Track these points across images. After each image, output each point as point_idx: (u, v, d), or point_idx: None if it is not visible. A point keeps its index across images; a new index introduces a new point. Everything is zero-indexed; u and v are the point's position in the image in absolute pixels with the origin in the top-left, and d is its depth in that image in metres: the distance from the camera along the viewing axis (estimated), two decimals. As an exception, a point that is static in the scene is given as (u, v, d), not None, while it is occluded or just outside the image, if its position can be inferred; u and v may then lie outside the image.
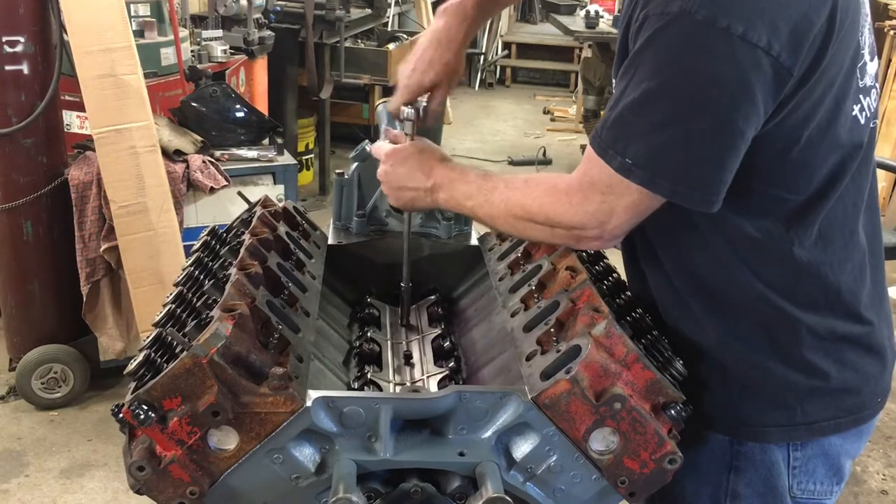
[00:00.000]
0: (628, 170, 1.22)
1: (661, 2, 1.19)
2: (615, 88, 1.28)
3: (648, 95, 1.20)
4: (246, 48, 4.97)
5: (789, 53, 1.17)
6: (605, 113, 1.28)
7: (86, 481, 3.23)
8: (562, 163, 7.47)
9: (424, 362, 1.67)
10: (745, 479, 1.44)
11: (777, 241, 1.33)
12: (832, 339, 1.38)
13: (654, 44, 1.19)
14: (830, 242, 1.35)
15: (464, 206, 1.45)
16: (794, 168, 1.29)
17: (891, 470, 3.50)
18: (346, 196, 1.91)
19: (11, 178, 3.36)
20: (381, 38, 6.75)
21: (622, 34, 1.34)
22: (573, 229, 1.32)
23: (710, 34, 1.15)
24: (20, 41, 3.23)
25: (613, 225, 1.29)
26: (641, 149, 1.21)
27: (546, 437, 1.26)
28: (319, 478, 1.26)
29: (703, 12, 1.14)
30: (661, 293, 1.46)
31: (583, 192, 1.29)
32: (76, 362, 3.58)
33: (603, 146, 1.25)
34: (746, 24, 1.14)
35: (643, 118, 1.21)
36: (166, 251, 3.38)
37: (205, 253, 1.62)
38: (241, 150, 3.80)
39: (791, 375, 1.38)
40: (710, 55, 1.16)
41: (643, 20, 1.22)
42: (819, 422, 1.41)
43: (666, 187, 1.22)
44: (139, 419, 1.18)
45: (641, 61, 1.21)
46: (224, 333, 1.21)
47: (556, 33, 8.26)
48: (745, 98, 1.17)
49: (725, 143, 1.20)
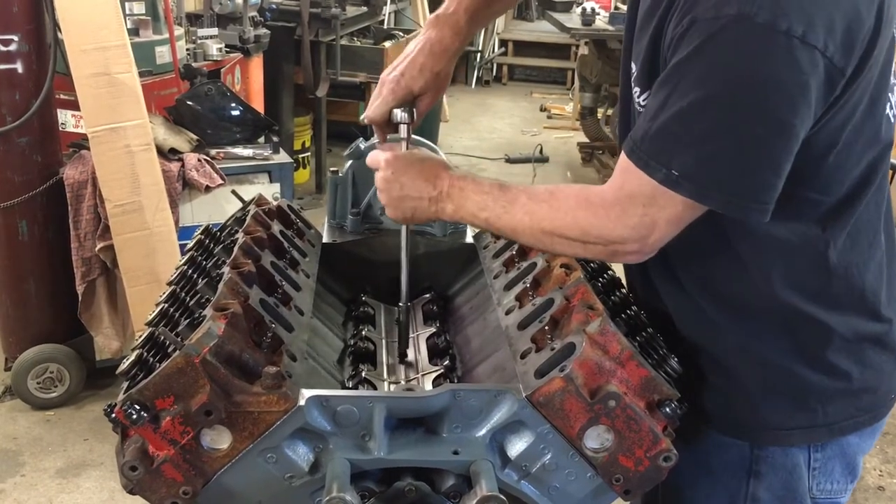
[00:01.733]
0: (675, 182, 1.17)
1: (711, 5, 1.13)
2: (652, 97, 1.22)
3: (699, 104, 1.14)
4: (241, 46, 4.96)
5: (843, 54, 1.14)
6: (642, 123, 1.22)
7: (82, 481, 3.22)
8: (559, 160, 7.47)
9: (419, 360, 1.67)
10: (766, 483, 1.43)
11: (813, 244, 1.30)
12: (855, 340, 1.37)
13: (707, 51, 1.14)
14: (857, 242, 1.34)
15: (477, 218, 1.37)
16: (830, 170, 1.26)
17: (887, 466, 3.51)
18: (341, 194, 1.91)
19: (6, 177, 3.36)
20: (377, 36, 6.74)
21: (651, 38, 1.28)
22: (611, 244, 1.26)
23: (771, 37, 1.10)
24: (14, 40, 3.22)
25: (655, 238, 1.24)
26: (690, 160, 1.16)
27: (541, 435, 1.26)
28: (313, 477, 1.25)
29: (764, 15, 1.10)
30: (676, 300, 1.43)
31: (621, 205, 1.23)
32: (72, 362, 3.58)
33: (644, 158, 1.20)
34: (806, 26, 1.10)
35: (692, 128, 1.16)
36: (162, 250, 3.37)
37: (198, 252, 1.62)
38: (236, 149, 3.79)
39: (814, 377, 1.36)
40: (769, 59, 1.11)
41: (689, 25, 1.16)
42: (839, 422, 1.40)
43: (719, 199, 1.18)
44: (131, 419, 1.17)
45: (690, 69, 1.16)
46: (216, 332, 1.21)
47: (553, 31, 8.25)
48: (803, 101, 1.13)
49: (782, 148, 1.16)
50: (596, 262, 1.60)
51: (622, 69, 1.45)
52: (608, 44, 6.44)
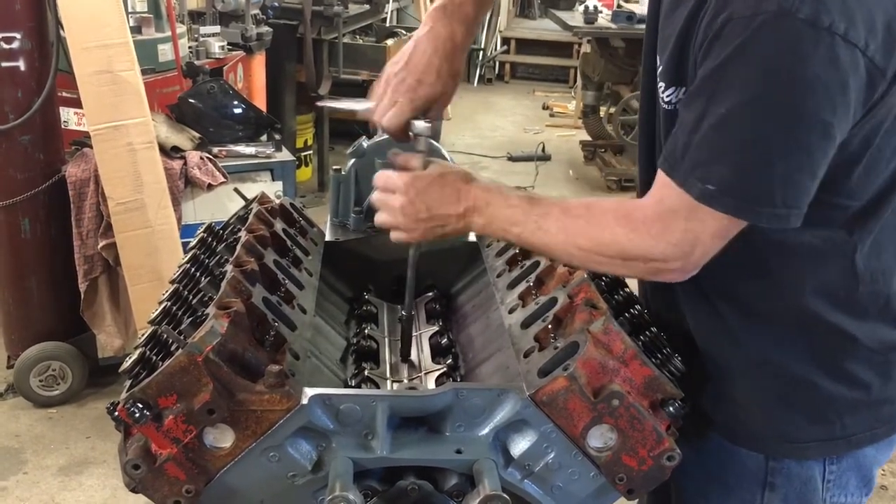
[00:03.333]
0: (711, 196, 1.13)
1: (750, 2, 1.09)
2: (687, 108, 1.18)
3: (738, 110, 1.10)
4: (244, 44, 4.96)
5: (883, 54, 1.10)
6: (681, 136, 1.17)
7: (84, 478, 3.23)
8: (561, 158, 7.46)
9: (422, 359, 1.66)
10: (781, 494, 1.40)
11: (841, 249, 1.27)
12: (879, 349, 1.34)
13: (746, 50, 1.09)
14: (884, 248, 1.31)
15: (509, 233, 1.32)
16: (861, 175, 1.22)
17: (891, 465, 3.50)
18: (344, 193, 1.90)
19: (9, 175, 3.36)
20: (379, 34, 6.75)
21: (680, 34, 1.23)
22: (652, 261, 1.21)
23: (813, 34, 1.05)
24: (16, 37, 3.22)
25: (698, 255, 1.20)
26: (727, 172, 1.12)
27: (544, 435, 1.26)
28: (316, 476, 1.25)
29: (806, 10, 1.05)
30: (695, 308, 1.39)
31: (662, 221, 1.18)
32: (74, 359, 3.58)
33: (683, 172, 1.15)
34: (848, 22, 1.06)
35: (732, 135, 1.12)
36: (164, 248, 3.37)
37: (201, 250, 1.62)
38: (239, 147, 3.79)
39: (833, 388, 1.33)
40: (811, 58, 1.06)
41: (724, 23, 1.11)
42: (857, 434, 1.38)
43: (758, 212, 1.14)
44: (134, 417, 1.17)
45: (728, 72, 1.11)
46: (219, 331, 1.21)
47: (556, 29, 8.24)
48: (843, 103, 1.09)
49: (821, 151, 1.12)
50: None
51: (645, 59, 1.40)
52: (611, 42, 6.43)
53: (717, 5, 1.14)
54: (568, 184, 6.95)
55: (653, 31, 1.37)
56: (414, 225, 1.38)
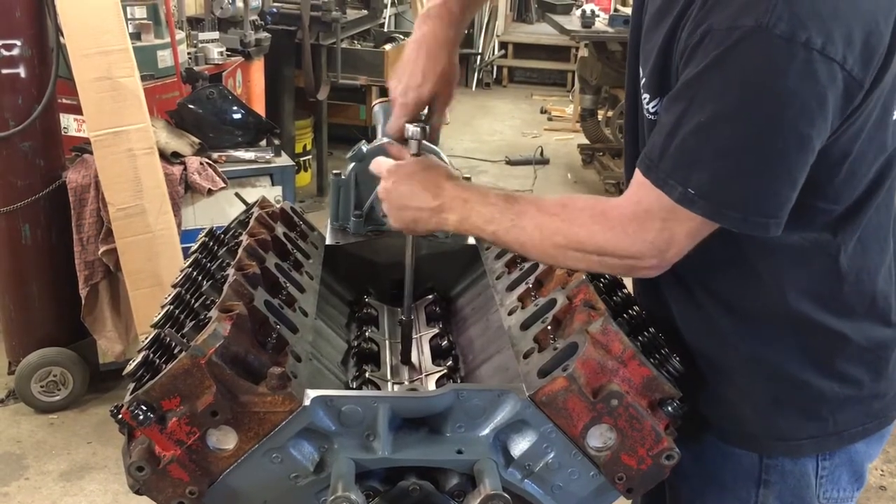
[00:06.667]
0: (691, 201, 1.15)
1: (728, 15, 1.11)
2: (666, 112, 1.20)
3: (715, 119, 1.12)
4: (242, 50, 4.97)
5: (861, 67, 1.12)
6: (657, 139, 1.19)
7: (85, 484, 3.23)
8: (559, 162, 7.48)
9: (422, 361, 1.67)
10: (775, 491, 1.42)
11: (825, 250, 1.29)
12: (868, 347, 1.36)
13: (724, 63, 1.11)
14: (868, 248, 1.33)
15: (483, 231, 1.33)
16: (843, 180, 1.24)
17: (889, 466, 3.51)
18: (343, 196, 1.91)
19: (9, 181, 3.37)
20: (377, 39, 6.76)
21: (662, 45, 1.25)
22: (628, 259, 1.24)
23: (789, 50, 1.07)
24: (17, 45, 3.24)
25: (673, 252, 1.22)
26: (706, 178, 1.14)
27: (544, 435, 1.27)
28: (318, 476, 1.26)
29: (783, 26, 1.07)
30: (684, 310, 1.41)
31: (639, 220, 1.21)
32: (75, 365, 3.58)
33: (661, 176, 1.17)
34: (825, 37, 1.08)
35: (709, 144, 1.14)
36: (164, 253, 3.38)
37: (202, 254, 1.63)
38: (238, 152, 3.80)
39: (825, 386, 1.35)
40: (788, 73, 1.08)
41: (704, 35, 1.13)
42: (849, 430, 1.39)
43: (735, 217, 1.16)
44: (138, 420, 1.18)
45: (706, 81, 1.13)
46: (222, 333, 1.22)
47: (553, 33, 8.26)
48: (820, 114, 1.11)
49: (799, 162, 1.14)
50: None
51: (629, 72, 1.42)
52: (608, 46, 6.45)
53: (698, 17, 1.16)
54: (566, 187, 6.96)
55: (635, 44, 1.39)
56: (390, 210, 1.44)
